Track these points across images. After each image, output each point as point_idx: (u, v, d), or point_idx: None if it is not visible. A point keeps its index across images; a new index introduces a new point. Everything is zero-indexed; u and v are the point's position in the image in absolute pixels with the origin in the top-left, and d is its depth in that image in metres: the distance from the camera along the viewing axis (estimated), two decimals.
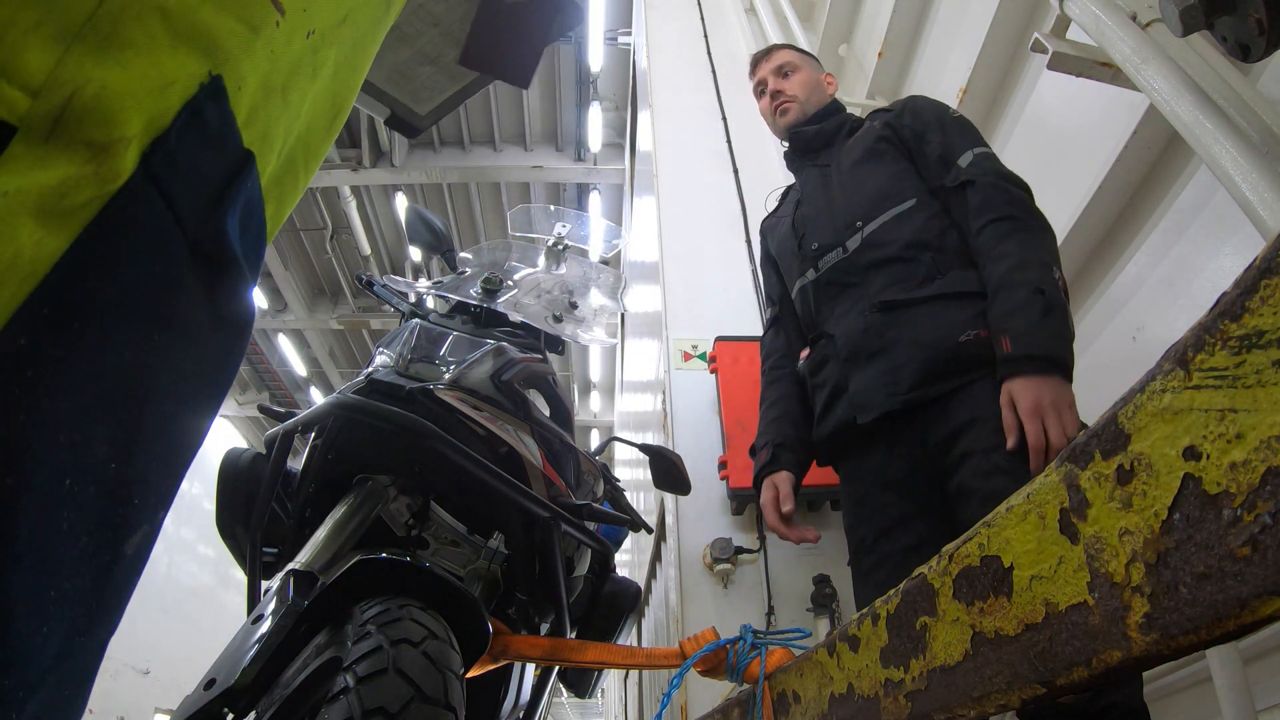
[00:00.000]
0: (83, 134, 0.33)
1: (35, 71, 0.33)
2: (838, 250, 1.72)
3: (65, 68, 0.33)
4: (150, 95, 0.36)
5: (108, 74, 0.34)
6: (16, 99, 0.32)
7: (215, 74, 0.39)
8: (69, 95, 0.33)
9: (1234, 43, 1.25)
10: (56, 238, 0.33)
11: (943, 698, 0.62)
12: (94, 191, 0.34)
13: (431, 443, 1.37)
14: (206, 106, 0.39)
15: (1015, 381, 1.36)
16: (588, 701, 13.02)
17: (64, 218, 0.33)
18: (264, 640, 1.07)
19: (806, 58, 2.11)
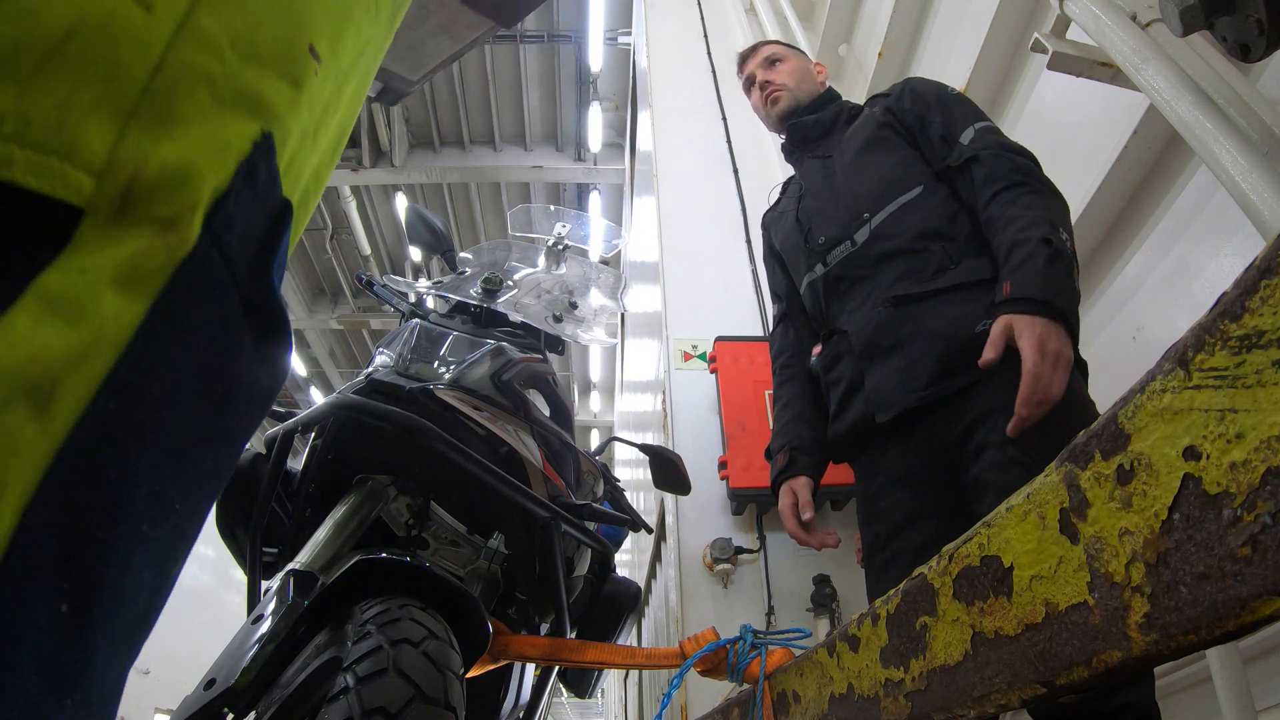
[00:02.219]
0: (149, 211, 0.35)
1: (96, 152, 0.34)
2: (846, 244, 1.69)
3: (124, 146, 0.34)
4: (208, 162, 0.37)
5: (165, 149, 0.35)
6: (82, 181, 0.33)
7: (266, 131, 0.41)
8: (131, 175, 0.34)
9: (1234, 43, 1.25)
10: (135, 305, 0.35)
11: (943, 698, 0.62)
12: (164, 259, 0.36)
13: (431, 442, 1.37)
14: (259, 165, 0.40)
15: (1017, 317, 1.31)
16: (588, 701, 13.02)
17: (139, 285, 0.35)
18: (264, 640, 1.07)
19: (792, 49, 2.09)
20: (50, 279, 0.32)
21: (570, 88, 10.81)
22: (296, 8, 0.43)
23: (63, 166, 0.33)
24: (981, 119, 1.66)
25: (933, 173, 1.67)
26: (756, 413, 2.78)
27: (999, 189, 1.51)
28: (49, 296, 0.32)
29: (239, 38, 0.39)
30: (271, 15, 0.42)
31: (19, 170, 0.32)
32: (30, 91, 0.33)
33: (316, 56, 0.44)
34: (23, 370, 0.31)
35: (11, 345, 0.31)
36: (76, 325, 0.33)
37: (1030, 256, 1.37)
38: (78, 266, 0.33)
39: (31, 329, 0.31)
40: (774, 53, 2.03)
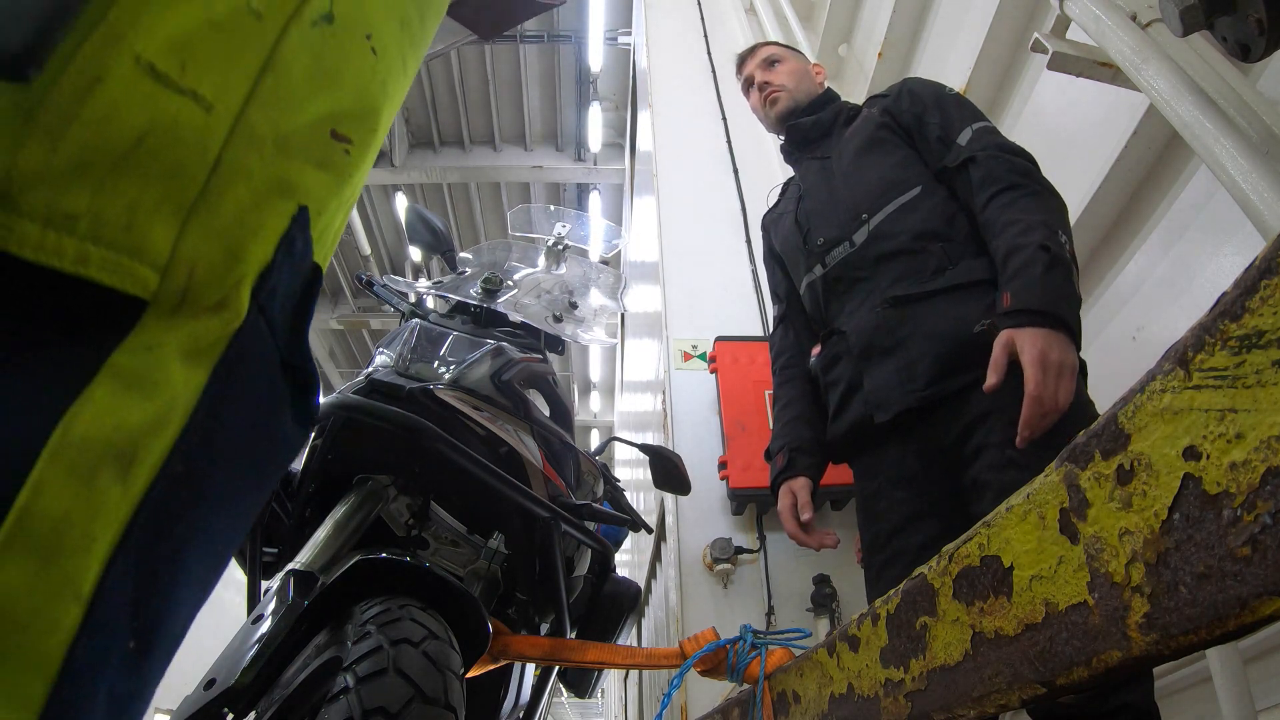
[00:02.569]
0: (204, 301, 0.39)
1: (161, 249, 0.38)
2: (845, 244, 1.69)
3: (184, 243, 0.38)
4: (252, 244, 0.41)
5: (215, 245, 0.39)
6: (148, 277, 0.37)
7: (303, 205, 0.44)
8: (189, 272, 0.38)
9: (1234, 43, 1.25)
10: (198, 374, 0.39)
11: (943, 698, 0.62)
12: (220, 332, 0.40)
13: (431, 443, 1.37)
14: (297, 237, 0.44)
15: (1018, 331, 1.30)
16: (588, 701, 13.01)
17: (201, 356, 0.39)
18: (264, 640, 1.07)
19: (791, 50, 2.08)
20: (121, 359, 0.37)
21: (570, 88, 10.81)
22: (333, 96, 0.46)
23: (132, 263, 0.37)
24: (979, 119, 1.65)
25: (931, 173, 1.67)
26: (756, 413, 2.78)
27: (996, 191, 1.50)
28: (123, 373, 0.36)
29: (279, 133, 0.43)
30: (308, 107, 0.45)
31: (94, 267, 0.36)
32: (104, 192, 0.36)
33: (344, 139, 0.47)
34: (110, 439, 0.35)
35: (98, 417, 0.35)
36: (152, 397, 0.37)
37: (1028, 264, 1.35)
38: (144, 345, 0.37)
39: (113, 402, 0.36)
40: (773, 54, 2.02)
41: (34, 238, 0.34)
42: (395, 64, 0.52)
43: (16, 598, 0.32)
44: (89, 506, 0.34)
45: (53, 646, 0.33)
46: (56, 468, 0.34)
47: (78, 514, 0.34)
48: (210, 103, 0.39)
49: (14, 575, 0.32)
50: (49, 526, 0.33)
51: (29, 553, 0.32)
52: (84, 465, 0.34)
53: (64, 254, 0.35)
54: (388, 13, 0.51)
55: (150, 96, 0.37)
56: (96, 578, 0.34)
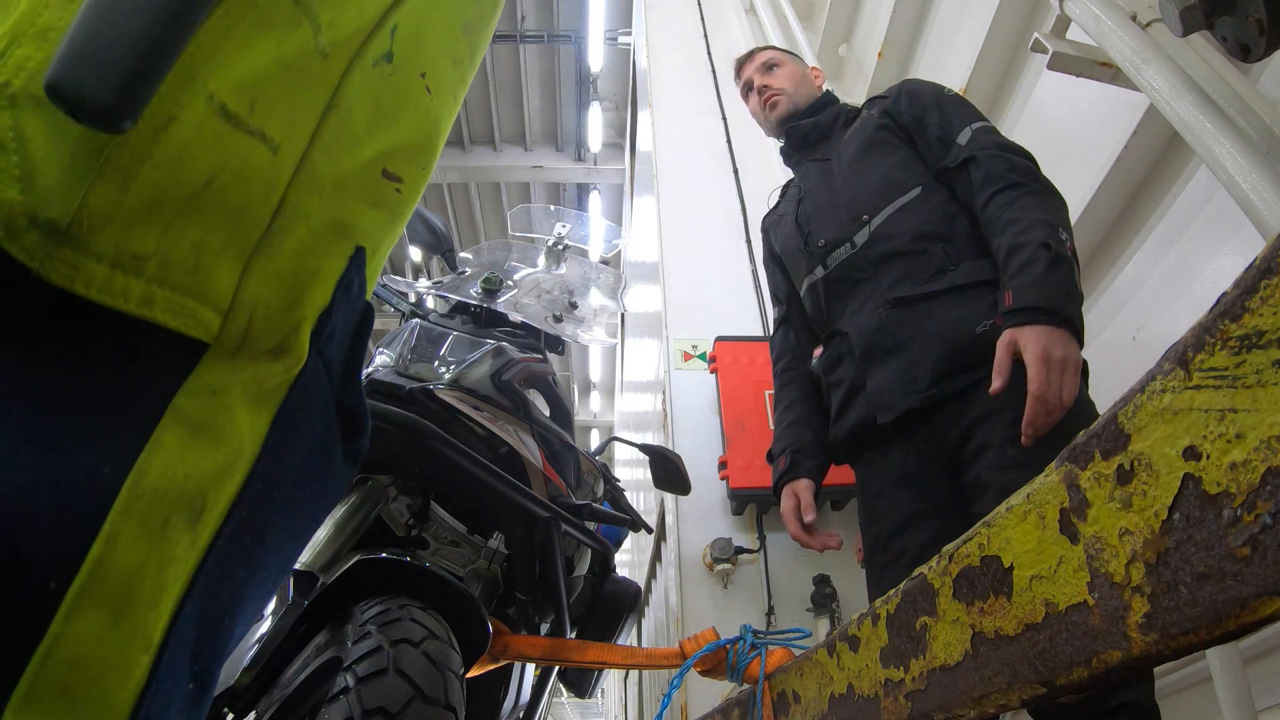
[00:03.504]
0: (263, 345, 0.39)
1: (224, 294, 0.37)
2: (846, 246, 1.69)
3: (246, 287, 0.38)
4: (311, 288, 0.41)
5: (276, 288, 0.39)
6: (210, 320, 0.37)
7: (360, 247, 0.44)
8: (250, 315, 0.38)
9: (1234, 43, 1.25)
10: (262, 420, 0.39)
11: (943, 698, 0.62)
12: (283, 377, 0.40)
13: (431, 442, 1.37)
14: (354, 278, 0.44)
15: (1020, 329, 1.30)
16: (588, 701, 13.00)
17: (263, 400, 0.39)
18: (264, 640, 1.07)
19: (789, 54, 2.09)
20: (184, 402, 0.36)
21: (570, 88, 10.81)
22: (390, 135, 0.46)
23: (196, 306, 0.37)
24: (978, 119, 1.65)
25: (931, 174, 1.67)
26: (756, 413, 2.78)
27: (996, 190, 1.50)
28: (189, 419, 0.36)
29: (337, 174, 0.43)
30: (367, 147, 0.44)
31: (159, 310, 0.36)
32: (171, 233, 0.36)
33: (395, 178, 0.47)
34: (182, 488, 0.35)
35: (170, 466, 0.35)
36: (220, 444, 0.37)
37: (1030, 262, 1.35)
38: (208, 388, 0.37)
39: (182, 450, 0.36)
40: (771, 58, 2.03)
41: (100, 279, 0.34)
42: (448, 102, 0.52)
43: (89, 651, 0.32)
44: (161, 558, 0.34)
45: (124, 698, 0.33)
46: (129, 519, 0.34)
47: (150, 566, 0.34)
48: (277, 144, 0.39)
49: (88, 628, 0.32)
50: (122, 579, 0.33)
51: (103, 605, 0.32)
52: (156, 516, 0.34)
53: (130, 296, 0.35)
54: (442, 51, 0.51)
55: (220, 137, 0.37)
56: (165, 627, 0.35)
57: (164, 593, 0.34)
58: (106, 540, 0.33)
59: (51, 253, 0.33)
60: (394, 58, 0.45)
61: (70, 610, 0.32)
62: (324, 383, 0.43)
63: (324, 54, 0.41)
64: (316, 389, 0.43)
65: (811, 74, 2.04)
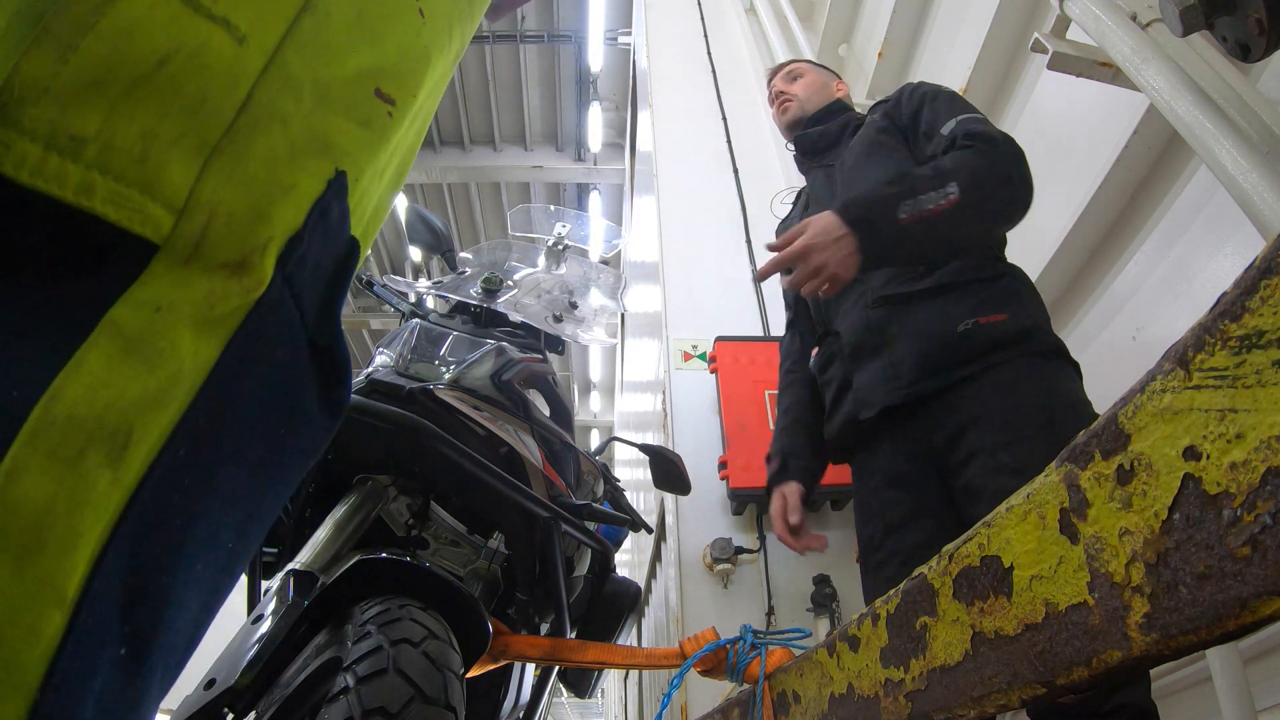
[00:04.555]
0: (221, 256, 0.34)
1: (178, 188, 0.33)
2: None
3: (204, 186, 0.34)
4: (282, 203, 0.37)
5: (240, 194, 0.35)
6: (160, 218, 0.32)
7: (341, 170, 0.40)
8: (208, 218, 0.34)
9: (1234, 43, 1.25)
10: (209, 347, 0.34)
11: (943, 698, 0.62)
12: (239, 301, 0.35)
13: (431, 443, 1.37)
14: (332, 204, 0.40)
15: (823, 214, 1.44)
16: (588, 701, 13.00)
17: (214, 326, 0.34)
18: (264, 640, 1.07)
19: (819, 67, 2.13)
20: (121, 314, 0.31)
21: (570, 88, 10.80)
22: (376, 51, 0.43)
23: (143, 200, 0.32)
24: (966, 112, 1.65)
25: None
26: (756, 413, 2.78)
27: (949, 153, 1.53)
28: (123, 334, 0.31)
29: (317, 79, 0.39)
30: (349, 58, 0.41)
31: (99, 200, 0.31)
32: (117, 117, 0.32)
33: (388, 99, 0.43)
34: (102, 417, 0.30)
35: (91, 390, 0.30)
36: (155, 369, 0.32)
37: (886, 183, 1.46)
38: (151, 303, 0.32)
39: (107, 371, 0.31)
40: (796, 69, 2.08)
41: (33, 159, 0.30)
42: (442, 32, 0.48)
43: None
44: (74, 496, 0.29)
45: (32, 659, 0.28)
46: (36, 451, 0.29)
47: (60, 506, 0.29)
48: (244, 34, 0.35)
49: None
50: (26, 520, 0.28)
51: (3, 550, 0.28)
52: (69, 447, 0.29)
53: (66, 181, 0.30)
54: None
55: (177, 18, 0.33)
56: (83, 579, 0.29)
57: (79, 538, 0.29)
58: (6, 474, 0.28)
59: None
60: None
61: None
62: (293, 316, 0.39)
63: None
64: (281, 321, 0.38)
65: (835, 85, 2.06)
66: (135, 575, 0.32)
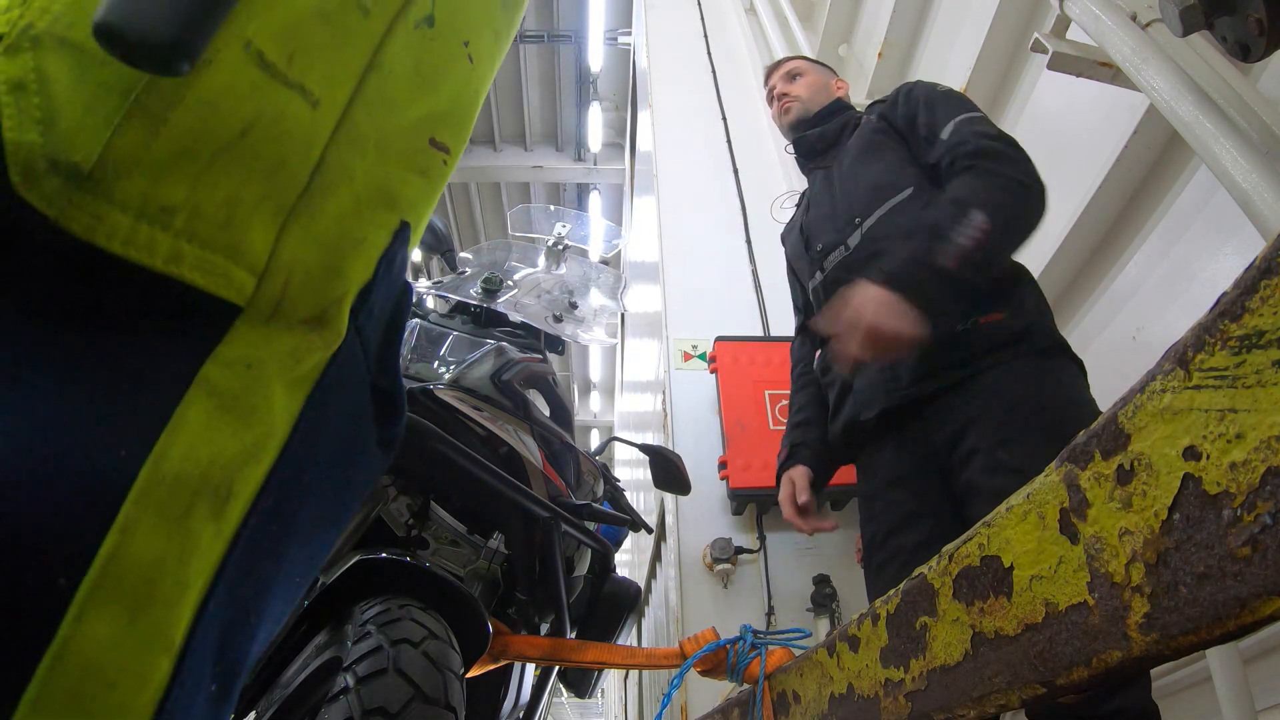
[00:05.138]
0: (302, 313, 0.36)
1: (259, 252, 0.34)
2: (840, 249, 1.72)
3: (283, 247, 0.35)
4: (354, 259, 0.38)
5: (316, 253, 0.36)
6: (244, 281, 0.34)
7: (405, 221, 0.42)
8: (286, 278, 0.35)
9: (1234, 43, 1.25)
10: (296, 399, 0.36)
11: (943, 698, 0.62)
12: (321, 355, 0.37)
13: (431, 443, 1.37)
14: (397, 254, 0.41)
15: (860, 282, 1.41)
16: (588, 701, 13.00)
17: (300, 381, 0.36)
18: None
19: (816, 64, 2.13)
20: (213, 372, 0.33)
21: (570, 88, 10.80)
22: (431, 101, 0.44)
23: (227, 264, 0.33)
24: (965, 111, 1.64)
25: (924, 174, 1.68)
26: (756, 413, 2.78)
27: (954, 176, 1.52)
28: (218, 392, 0.33)
29: (380, 133, 0.40)
30: (409, 111, 0.42)
31: (187, 266, 0.32)
32: (202, 185, 0.33)
33: (443, 147, 0.44)
34: (206, 474, 0.32)
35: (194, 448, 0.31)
36: (250, 424, 0.33)
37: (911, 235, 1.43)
38: (242, 360, 0.34)
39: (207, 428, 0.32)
40: (795, 67, 2.07)
41: (124, 230, 0.31)
42: (487, 74, 0.50)
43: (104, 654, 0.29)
44: (182, 551, 0.31)
45: (142, 704, 0.30)
46: (147, 508, 0.30)
47: (170, 560, 0.31)
48: (317, 98, 0.37)
49: (102, 630, 0.29)
50: (139, 575, 0.30)
51: (118, 603, 0.29)
52: (178, 505, 0.31)
53: (156, 250, 0.32)
54: (484, 22, 0.49)
55: (258, 86, 0.34)
56: (188, 627, 0.31)
57: (186, 589, 0.31)
58: (122, 531, 0.30)
59: (72, 199, 0.30)
60: (435, 22, 0.44)
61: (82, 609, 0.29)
62: (361, 363, 0.41)
63: (365, 10, 0.39)
64: (353, 369, 0.40)
65: (834, 84, 2.05)
66: (230, 618, 0.34)
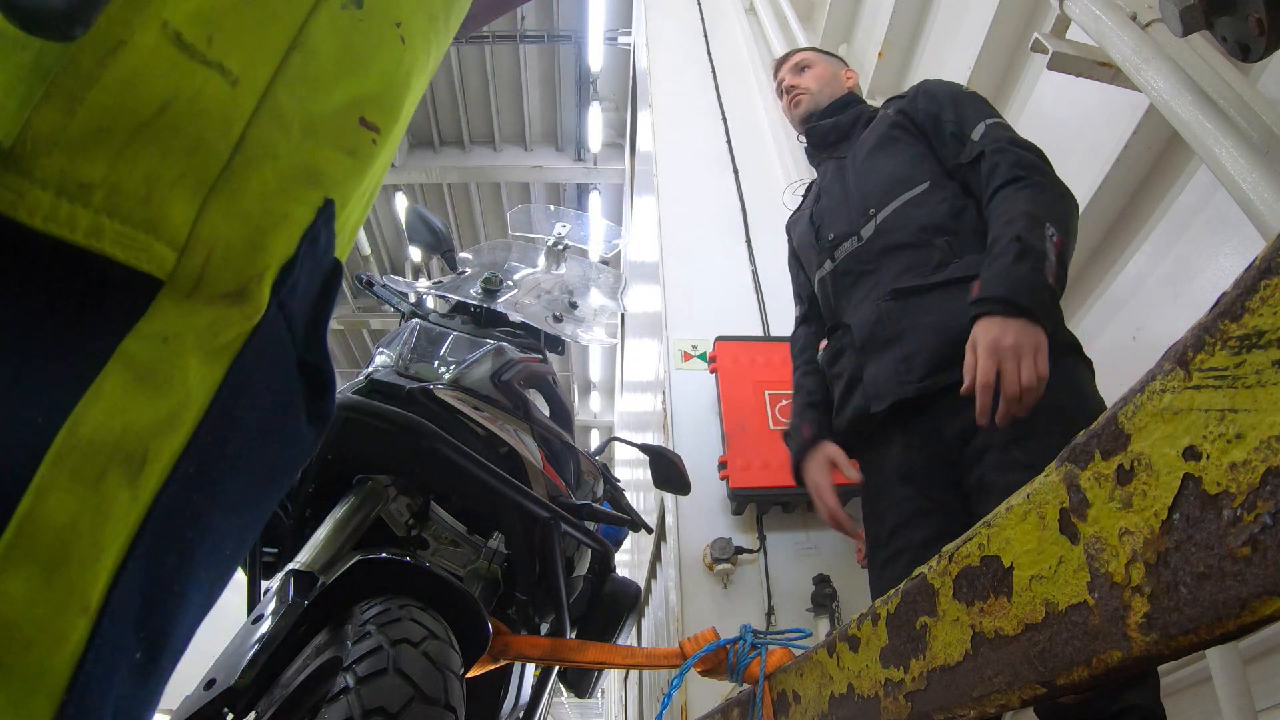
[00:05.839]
0: (221, 287, 0.37)
1: (180, 227, 0.36)
2: (853, 239, 1.72)
3: (203, 223, 0.36)
4: (276, 234, 0.40)
5: (237, 229, 0.38)
6: (165, 256, 0.35)
7: (329, 198, 0.43)
8: (208, 253, 0.37)
9: (1234, 43, 1.25)
10: (214, 372, 0.37)
11: (943, 698, 0.62)
12: (240, 328, 0.38)
13: (431, 443, 1.37)
14: (321, 231, 0.43)
15: (979, 322, 1.34)
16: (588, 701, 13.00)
17: (218, 353, 0.37)
18: (264, 640, 1.07)
19: (825, 55, 2.13)
20: (133, 346, 0.34)
21: (570, 88, 10.80)
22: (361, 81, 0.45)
23: (148, 239, 0.35)
24: (992, 115, 1.67)
25: (943, 170, 1.69)
26: (756, 413, 2.78)
27: (999, 185, 1.52)
28: (135, 364, 0.34)
29: (306, 113, 0.41)
30: (336, 91, 0.43)
31: (107, 241, 0.34)
32: (122, 162, 0.34)
33: (373, 127, 0.45)
34: (119, 441, 0.33)
35: (109, 415, 0.33)
36: (165, 394, 0.35)
37: (1000, 255, 1.38)
38: (159, 334, 0.35)
39: (123, 398, 0.34)
40: (803, 59, 2.07)
41: (45, 206, 0.32)
42: (421, 55, 0.51)
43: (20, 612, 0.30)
44: (97, 513, 0.32)
45: (59, 663, 0.31)
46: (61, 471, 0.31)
47: (85, 522, 0.32)
48: (236, 76, 0.38)
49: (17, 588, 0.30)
50: (54, 535, 0.31)
51: (33, 563, 0.30)
52: (92, 469, 0.32)
53: (76, 225, 0.33)
54: (417, 4, 0.50)
55: (175, 65, 0.36)
56: (105, 588, 0.32)
57: (102, 551, 0.32)
58: (36, 493, 0.31)
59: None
60: (364, 4, 0.45)
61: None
62: (285, 338, 0.42)
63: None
64: (277, 343, 0.41)
65: (844, 75, 2.06)
66: (151, 584, 0.35)
